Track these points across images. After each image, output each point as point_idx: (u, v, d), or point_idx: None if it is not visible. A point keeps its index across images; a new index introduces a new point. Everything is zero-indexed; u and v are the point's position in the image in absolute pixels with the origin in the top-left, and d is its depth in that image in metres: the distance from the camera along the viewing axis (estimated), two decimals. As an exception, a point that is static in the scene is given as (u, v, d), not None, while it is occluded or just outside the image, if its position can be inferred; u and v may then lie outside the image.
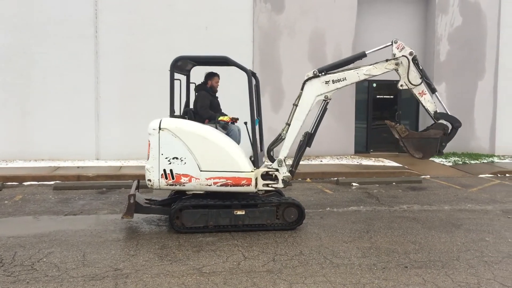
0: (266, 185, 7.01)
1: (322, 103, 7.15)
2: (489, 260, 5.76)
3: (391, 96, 15.55)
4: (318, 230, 7.00)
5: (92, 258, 5.67)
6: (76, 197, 9.23)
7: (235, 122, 7.55)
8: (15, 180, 10.67)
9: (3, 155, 12.89)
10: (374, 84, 15.22)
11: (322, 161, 13.45)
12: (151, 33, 13.36)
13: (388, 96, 15.56)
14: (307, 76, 7.03)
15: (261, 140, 7.73)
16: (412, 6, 15.40)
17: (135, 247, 6.12)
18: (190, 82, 8.19)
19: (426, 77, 7.04)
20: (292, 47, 14.11)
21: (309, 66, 13.12)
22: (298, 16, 14.16)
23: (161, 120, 6.87)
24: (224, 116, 7.32)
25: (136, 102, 13.31)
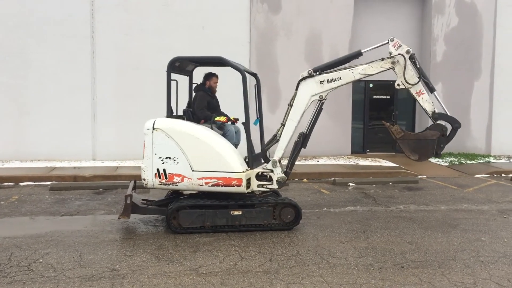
0: (261, 186, 6.99)
1: (317, 103, 7.04)
2: (485, 260, 5.78)
3: (388, 97, 15.58)
4: (315, 230, 7.00)
5: (89, 259, 5.66)
6: (73, 198, 9.21)
7: (235, 123, 7.55)
8: (11, 181, 10.64)
9: (-1, 156, 12.89)
10: (371, 85, 15.25)
11: (319, 161, 13.47)
12: (148, 33, 13.34)
13: (385, 96, 15.59)
14: (302, 76, 6.92)
15: (262, 141, 7.68)
16: (409, 7, 15.44)
17: (132, 248, 6.11)
18: (193, 83, 8.18)
19: (424, 76, 6.82)
20: (289, 47, 14.13)
21: (306, 66, 13.06)
22: (295, 16, 14.18)
23: (155, 120, 6.92)
24: (221, 116, 7.30)
25: (133, 102, 13.30)
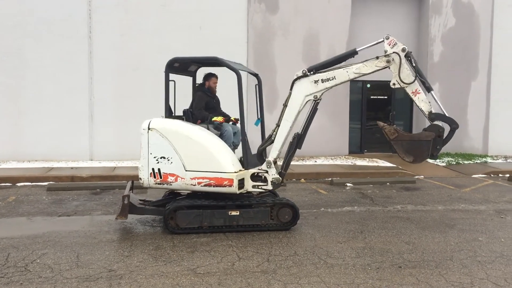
0: (256, 187, 6.96)
1: (312, 104, 6.91)
2: (482, 260, 5.79)
3: (385, 97, 15.61)
4: (313, 231, 7.01)
5: (86, 259, 5.65)
6: (70, 198, 9.20)
7: (236, 123, 7.54)
8: (9, 181, 10.61)
9: (-4, 156, 12.85)
10: (368, 85, 15.27)
11: (317, 162, 13.48)
12: (145, 33, 13.33)
13: (382, 97, 15.61)
14: (296, 76, 6.82)
15: (263, 141, 7.65)
16: (406, 7, 15.46)
17: (129, 248, 6.11)
18: (196, 84, 8.17)
19: (421, 75, 6.57)
20: (286, 47, 14.13)
21: (304, 66, 12.77)
22: (292, 16, 14.19)
23: (151, 121, 6.98)
24: (218, 117, 7.29)
25: (130, 102, 13.28)
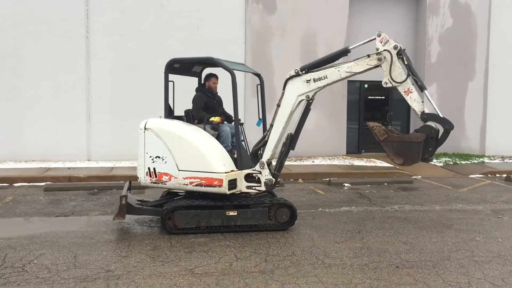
0: (250, 187, 6.94)
1: (305, 104, 6.78)
2: (480, 260, 5.80)
3: (383, 97, 15.62)
4: (310, 231, 7.01)
5: (84, 260, 5.64)
6: (67, 198, 9.18)
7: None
8: (6, 182, 10.59)
9: (-7, 156, 12.82)
10: (366, 85, 15.29)
11: (314, 162, 13.48)
12: (143, 34, 13.32)
13: (380, 97, 15.63)
14: (289, 75, 6.71)
15: None
16: (404, 7, 15.49)
17: (127, 248, 6.10)
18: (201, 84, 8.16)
19: (414, 74, 6.24)
20: (284, 48, 14.13)
21: None
22: (290, 17, 14.19)
23: (147, 121, 7.04)
24: (215, 117, 7.28)
25: (128, 103, 13.27)
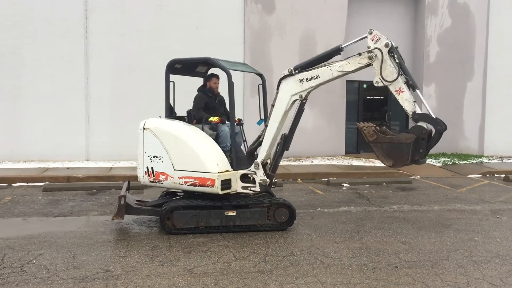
0: (245, 188, 6.93)
1: (299, 104, 6.71)
2: (478, 260, 5.81)
3: (381, 97, 15.62)
4: (309, 231, 7.01)
5: (82, 260, 5.64)
6: (66, 199, 9.17)
7: (239, 123, 7.54)
8: (4, 182, 10.58)
9: (-8, 156, 12.80)
10: (365, 85, 15.29)
11: (313, 162, 13.49)
12: (142, 34, 13.31)
13: (379, 97, 15.63)
14: (283, 74, 6.64)
15: None
16: (402, 7, 15.50)
17: (126, 249, 6.10)
18: None
19: (405, 72, 6.08)
20: (283, 48, 14.13)
21: None
22: (289, 17, 14.19)
23: (146, 121, 7.09)
24: (214, 117, 7.27)
25: (127, 103, 13.26)
